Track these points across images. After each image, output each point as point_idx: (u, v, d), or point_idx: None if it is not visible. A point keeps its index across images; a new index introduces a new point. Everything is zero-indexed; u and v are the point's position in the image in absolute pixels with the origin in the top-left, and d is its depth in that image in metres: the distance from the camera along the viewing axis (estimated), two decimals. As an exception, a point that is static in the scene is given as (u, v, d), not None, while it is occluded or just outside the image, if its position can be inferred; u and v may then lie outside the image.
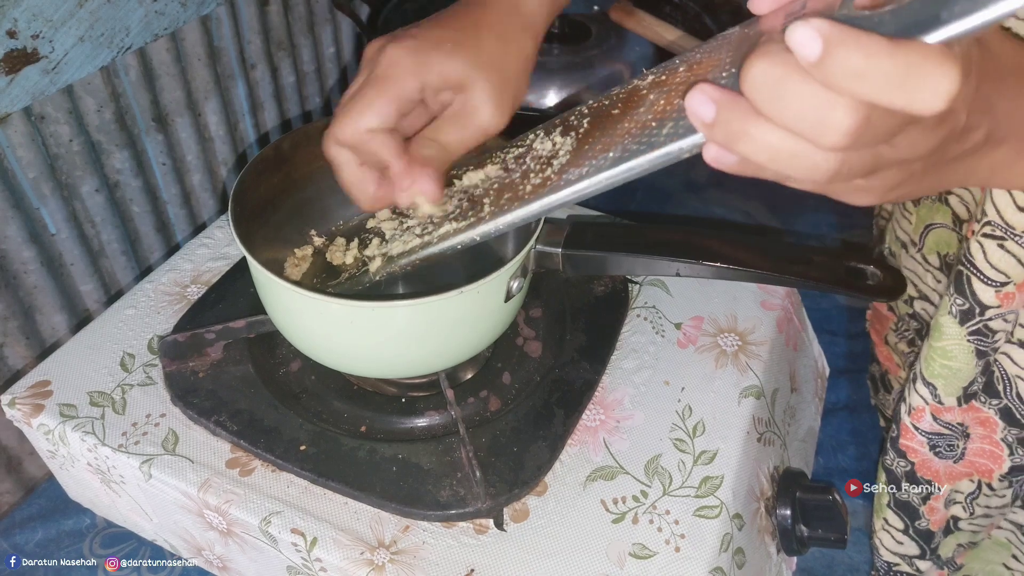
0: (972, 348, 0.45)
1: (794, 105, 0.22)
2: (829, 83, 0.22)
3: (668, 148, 0.30)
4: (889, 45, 0.21)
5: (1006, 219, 0.41)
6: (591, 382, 0.55)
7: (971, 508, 0.53)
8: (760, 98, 0.23)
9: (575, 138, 0.38)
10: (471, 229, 0.41)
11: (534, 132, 0.44)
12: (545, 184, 0.37)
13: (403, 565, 0.45)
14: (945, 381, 0.47)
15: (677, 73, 0.33)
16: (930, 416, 0.49)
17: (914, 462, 0.52)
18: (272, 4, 0.89)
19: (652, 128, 0.31)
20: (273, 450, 0.49)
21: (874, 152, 0.24)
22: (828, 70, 0.21)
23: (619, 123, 0.34)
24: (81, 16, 0.65)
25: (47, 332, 0.74)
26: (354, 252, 0.54)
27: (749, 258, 0.48)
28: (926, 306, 0.56)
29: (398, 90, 0.41)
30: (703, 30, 0.82)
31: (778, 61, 0.23)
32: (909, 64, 0.21)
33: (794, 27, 0.22)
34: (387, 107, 0.41)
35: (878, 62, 0.21)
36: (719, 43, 0.32)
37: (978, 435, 0.50)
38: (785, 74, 0.22)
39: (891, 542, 0.56)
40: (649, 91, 0.34)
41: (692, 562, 0.46)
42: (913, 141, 0.25)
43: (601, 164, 0.33)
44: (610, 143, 0.34)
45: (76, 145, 0.71)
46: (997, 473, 0.51)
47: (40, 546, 0.65)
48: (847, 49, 0.21)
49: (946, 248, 0.53)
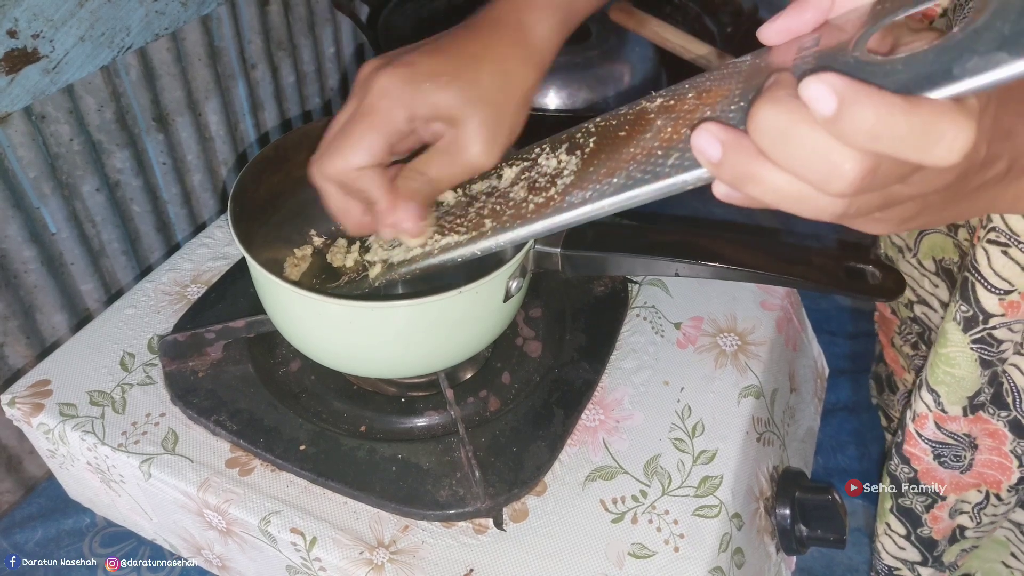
0: (975, 357, 0.45)
1: (801, 153, 0.23)
2: (843, 139, 0.22)
3: (673, 180, 0.30)
4: (903, 104, 0.21)
5: (1011, 226, 0.41)
6: (590, 382, 0.55)
7: (978, 518, 0.53)
8: (766, 144, 0.23)
9: (580, 157, 0.38)
10: (472, 244, 0.41)
11: (540, 146, 0.43)
12: (548, 204, 0.37)
13: (402, 565, 0.45)
14: (948, 388, 0.47)
15: (686, 100, 0.33)
16: (933, 424, 0.49)
17: (917, 469, 0.52)
18: (272, 4, 0.89)
19: (658, 156, 0.31)
20: (273, 450, 0.50)
21: (885, 191, 0.24)
22: (842, 127, 0.21)
23: (625, 147, 0.34)
24: (81, 16, 0.65)
25: (47, 331, 0.74)
26: (355, 255, 0.54)
27: (749, 258, 0.48)
28: (926, 310, 0.56)
29: (387, 124, 0.40)
30: (703, 30, 0.82)
31: (785, 108, 0.23)
32: (923, 122, 0.21)
33: (808, 83, 0.22)
34: (376, 143, 0.40)
35: (892, 121, 0.21)
36: (730, 72, 0.32)
37: (986, 447, 0.50)
38: (792, 122, 0.22)
39: (893, 547, 0.56)
40: (657, 115, 0.34)
41: (691, 562, 0.46)
42: (927, 178, 0.25)
43: (605, 190, 0.33)
44: (615, 168, 0.34)
45: (76, 145, 0.71)
46: (1006, 484, 0.50)
47: (40, 545, 0.65)
48: (861, 108, 0.21)
49: (941, 252, 0.53)
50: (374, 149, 0.40)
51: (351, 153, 0.40)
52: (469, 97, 0.40)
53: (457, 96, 0.40)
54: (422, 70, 0.40)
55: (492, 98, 0.40)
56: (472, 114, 0.40)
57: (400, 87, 0.40)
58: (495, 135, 0.41)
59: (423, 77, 0.40)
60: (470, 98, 0.40)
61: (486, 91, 0.40)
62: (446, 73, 0.40)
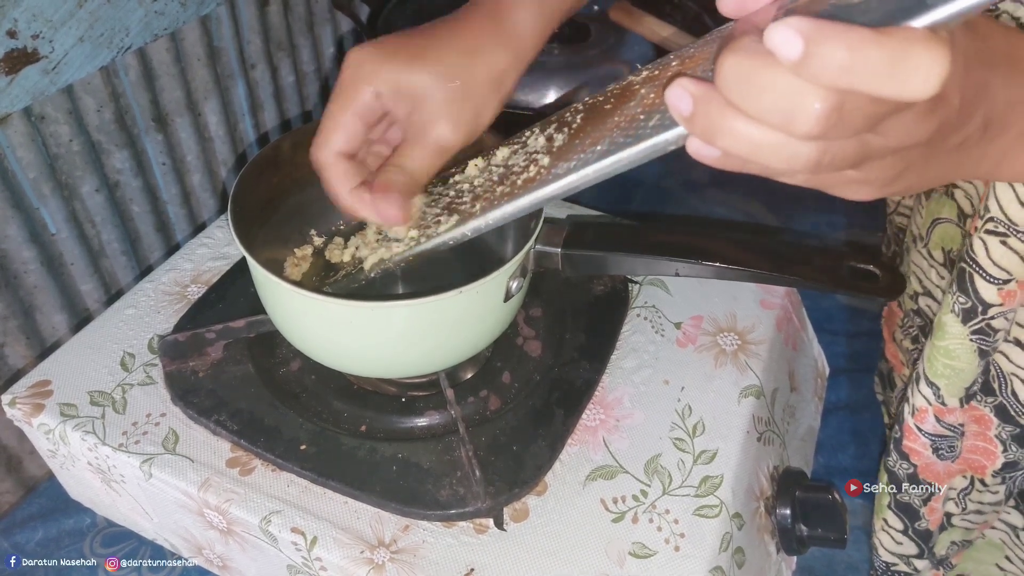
0: (975, 348, 0.45)
1: (764, 97, 0.22)
2: (816, 80, 0.21)
3: (654, 140, 0.30)
4: (873, 34, 0.20)
5: (1009, 215, 0.40)
6: (591, 381, 0.55)
7: (963, 503, 0.53)
8: (731, 92, 0.23)
9: (568, 134, 0.38)
10: (462, 225, 0.41)
11: (530, 130, 0.43)
12: (535, 179, 0.37)
13: (403, 564, 0.45)
14: (948, 381, 0.47)
15: (669, 67, 0.33)
16: (933, 418, 0.49)
17: (916, 464, 0.52)
18: (272, 4, 0.89)
19: (640, 121, 0.31)
20: (273, 449, 0.50)
21: (860, 140, 0.24)
22: (812, 67, 0.21)
23: (610, 117, 0.34)
24: (81, 16, 0.65)
25: (47, 332, 0.74)
26: (351, 250, 0.54)
27: (749, 258, 0.48)
28: (930, 303, 0.56)
29: (355, 101, 0.40)
30: (703, 30, 0.82)
31: (747, 54, 0.23)
32: (896, 51, 0.20)
33: (771, 28, 0.21)
34: (350, 123, 0.41)
35: (864, 53, 0.20)
36: (712, 38, 0.32)
37: (972, 432, 0.50)
38: (753, 67, 0.22)
39: (890, 542, 0.56)
40: (641, 86, 0.34)
41: (692, 561, 0.46)
42: (905, 127, 0.24)
43: (589, 157, 0.33)
44: (599, 137, 0.34)
45: (76, 145, 0.71)
46: (990, 469, 0.50)
47: (40, 545, 0.65)
48: (830, 45, 0.21)
49: (950, 244, 0.52)
50: (349, 129, 0.41)
51: (331, 135, 0.41)
52: (433, 72, 0.40)
53: (420, 72, 0.40)
54: (388, 48, 0.41)
55: (458, 75, 0.41)
56: (436, 90, 0.40)
57: (366, 64, 0.40)
58: (459, 112, 0.41)
59: (386, 55, 0.40)
60: (433, 73, 0.40)
61: (451, 68, 0.41)
62: (411, 50, 0.41)
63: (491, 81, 0.42)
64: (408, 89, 0.40)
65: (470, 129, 0.42)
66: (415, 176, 0.42)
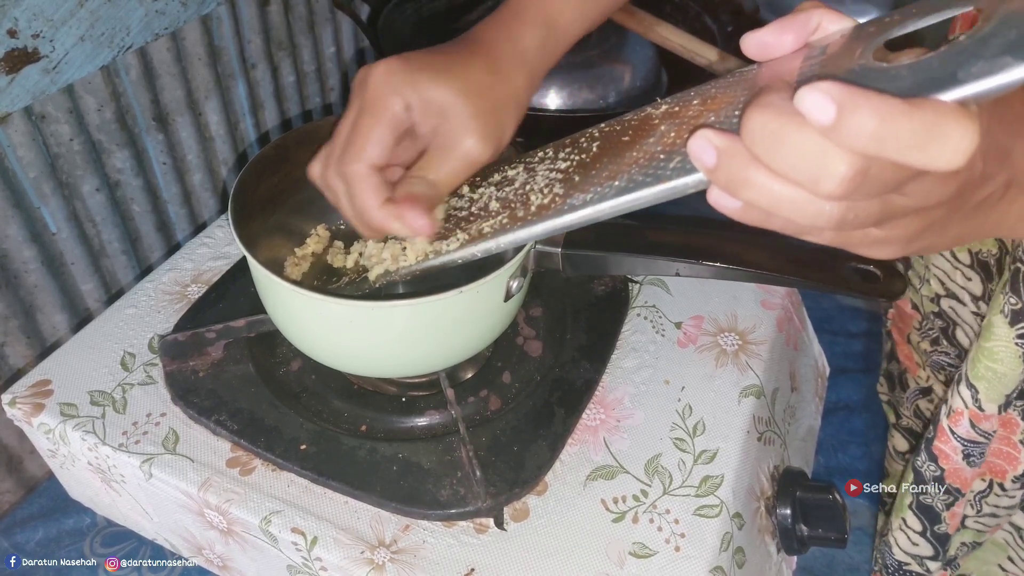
0: (1019, 352, 0.44)
1: (791, 156, 0.23)
2: (846, 146, 0.22)
3: (674, 183, 0.29)
4: (904, 106, 0.21)
5: None
6: (591, 381, 0.55)
7: (979, 506, 0.53)
8: (758, 147, 0.23)
9: (583, 161, 0.38)
10: (472, 245, 0.41)
11: (543, 150, 0.43)
12: (549, 206, 0.37)
13: (403, 564, 0.45)
14: (988, 384, 0.47)
15: (691, 106, 0.33)
16: (968, 422, 0.49)
17: (945, 468, 0.51)
18: (272, 4, 0.89)
19: (660, 160, 0.31)
20: (273, 449, 0.50)
21: (883, 200, 0.24)
22: (843, 134, 0.21)
23: (628, 151, 0.34)
24: (81, 15, 0.65)
25: (48, 331, 0.74)
26: (354, 256, 0.54)
27: (749, 258, 0.48)
28: (953, 304, 0.56)
29: (387, 113, 0.41)
30: (703, 30, 0.82)
31: (776, 113, 0.23)
32: (927, 124, 0.21)
33: (804, 92, 0.22)
34: (385, 135, 0.41)
35: (895, 124, 0.21)
36: (736, 79, 0.32)
37: (998, 436, 0.49)
38: (782, 126, 0.23)
39: (906, 543, 0.56)
40: (661, 121, 0.34)
41: (692, 561, 0.46)
42: (927, 189, 0.25)
43: (606, 192, 0.33)
44: (617, 171, 0.34)
45: (77, 144, 0.71)
46: (1011, 474, 0.50)
47: (40, 545, 0.65)
48: (862, 113, 0.21)
49: (979, 245, 0.52)
50: (384, 142, 0.41)
51: (366, 147, 0.41)
52: (460, 88, 0.41)
53: (448, 88, 0.41)
54: (415, 64, 0.41)
55: (483, 91, 0.41)
56: (463, 104, 0.41)
57: (395, 77, 0.41)
58: (486, 125, 0.41)
59: (415, 68, 0.41)
60: (461, 89, 0.41)
61: (477, 84, 0.41)
62: (437, 65, 0.41)
63: (513, 98, 0.43)
64: (437, 103, 0.41)
65: (497, 144, 0.42)
66: (439, 188, 0.42)
